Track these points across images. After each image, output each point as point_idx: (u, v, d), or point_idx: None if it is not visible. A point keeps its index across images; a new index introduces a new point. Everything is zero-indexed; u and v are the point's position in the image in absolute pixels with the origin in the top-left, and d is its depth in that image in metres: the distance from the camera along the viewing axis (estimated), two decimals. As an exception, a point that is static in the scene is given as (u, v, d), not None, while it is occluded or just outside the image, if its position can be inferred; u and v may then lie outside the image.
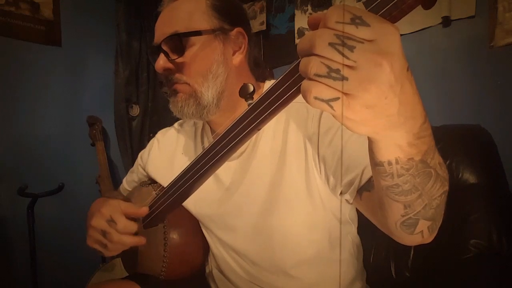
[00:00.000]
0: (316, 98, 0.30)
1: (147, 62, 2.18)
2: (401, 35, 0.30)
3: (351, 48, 0.29)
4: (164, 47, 0.69)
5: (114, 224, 0.67)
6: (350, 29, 0.29)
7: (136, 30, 2.13)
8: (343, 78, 0.29)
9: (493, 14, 1.23)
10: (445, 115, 1.34)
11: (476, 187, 0.87)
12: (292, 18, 1.86)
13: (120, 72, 2.08)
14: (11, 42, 1.75)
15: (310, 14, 1.78)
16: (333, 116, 0.32)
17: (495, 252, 0.80)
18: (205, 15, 0.70)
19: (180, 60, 0.69)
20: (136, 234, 0.70)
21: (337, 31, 0.29)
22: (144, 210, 0.71)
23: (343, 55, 0.29)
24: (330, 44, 0.29)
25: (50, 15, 1.87)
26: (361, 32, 0.29)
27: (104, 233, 0.68)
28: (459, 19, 1.32)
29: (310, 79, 0.30)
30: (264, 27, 1.96)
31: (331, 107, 0.30)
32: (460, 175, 0.88)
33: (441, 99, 1.37)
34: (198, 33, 0.69)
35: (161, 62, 0.70)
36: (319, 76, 0.30)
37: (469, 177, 0.87)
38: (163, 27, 0.71)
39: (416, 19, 1.41)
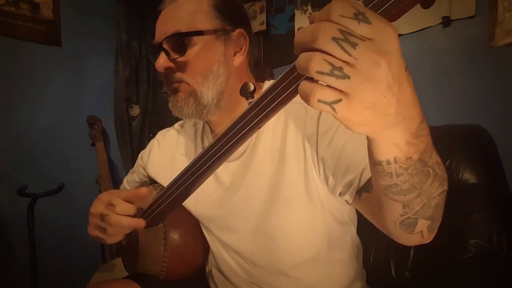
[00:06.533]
0: (319, 101, 0.30)
1: (147, 62, 2.18)
2: (401, 35, 0.30)
3: (354, 45, 0.29)
4: (165, 46, 0.69)
5: (112, 207, 0.67)
6: (352, 24, 0.29)
7: (136, 30, 2.13)
8: (346, 77, 0.29)
9: (493, 14, 1.23)
10: (445, 115, 1.34)
11: (476, 187, 0.86)
12: (292, 18, 1.86)
13: (120, 72, 2.08)
14: (11, 42, 1.75)
15: (310, 14, 1.78)
16: (333, 117, 0.32)
17: (495, 252, 0.80)
18: (207, 15, 0.70)
19: (181, 59, 0.69)
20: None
21: (341, 26, 0.29)
22: (144, 190, 0.69)
23: (345, 51, 0.29)
24: (334, 38, 0.29)
25: (50, 15, 1.87)
26: (362, 29, 0.29)
27: (102, 217, 0.68)
28: (459, 19, 1.32)
29: (310, 76, 0.30)
30: (264, 27, 1.96)
31: (334, 109, 0.30)
32: (460, 175, 0.88)
33: (441, 99, 1.37)
34: (200, 33, 0.69)
35: (162, 61, 0.69)
36: (322, 73, 0.29)
37: (469, 177, 0.87)
38: (165, 26, 0.71)
39: (416, 19, 1.41)
